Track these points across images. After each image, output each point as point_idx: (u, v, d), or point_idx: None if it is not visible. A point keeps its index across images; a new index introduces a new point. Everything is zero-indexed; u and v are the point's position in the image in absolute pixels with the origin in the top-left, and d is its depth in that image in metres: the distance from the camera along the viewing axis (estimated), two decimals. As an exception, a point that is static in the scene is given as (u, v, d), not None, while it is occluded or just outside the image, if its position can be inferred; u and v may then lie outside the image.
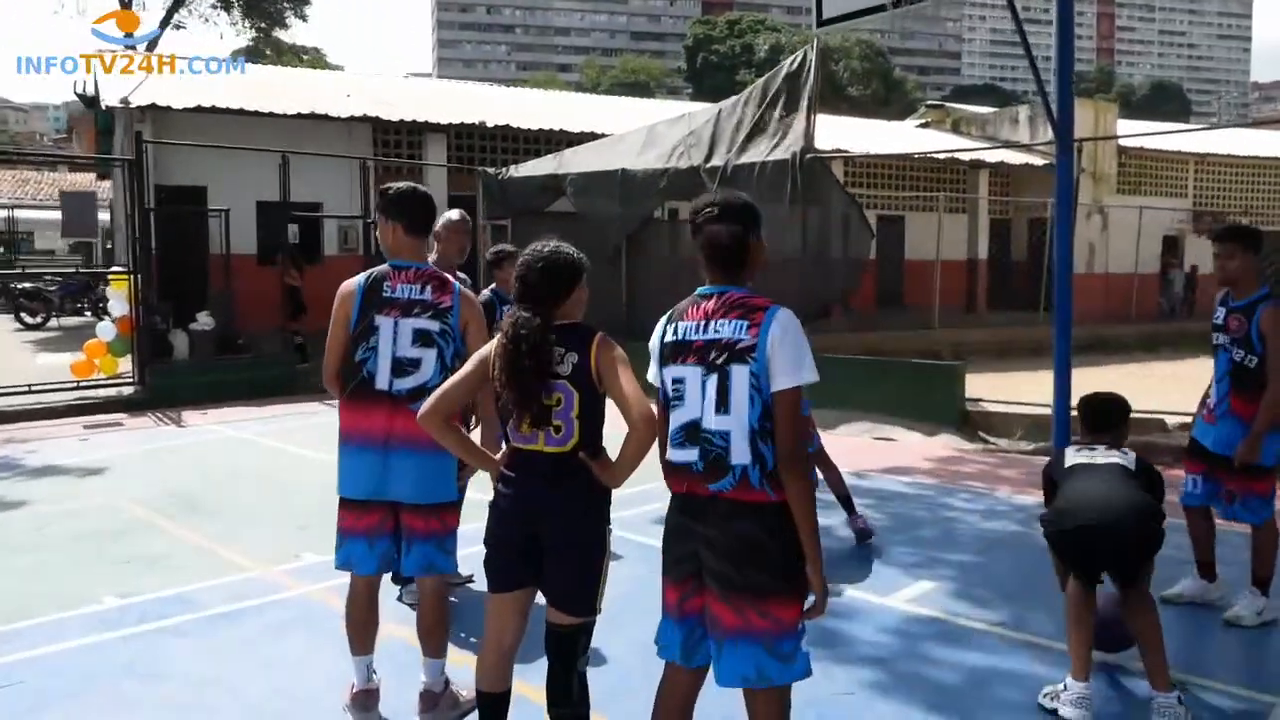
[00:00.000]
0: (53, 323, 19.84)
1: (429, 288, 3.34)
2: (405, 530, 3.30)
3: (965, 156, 20.45)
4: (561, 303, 2.80)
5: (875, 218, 18.24)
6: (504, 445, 2.88)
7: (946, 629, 4.27)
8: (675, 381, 2.53)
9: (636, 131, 13.57)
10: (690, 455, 2.46)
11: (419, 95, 17.98)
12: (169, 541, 5.74)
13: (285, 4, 29.74)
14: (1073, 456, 3.75)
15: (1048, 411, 7.37)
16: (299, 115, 14.11)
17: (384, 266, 3.40)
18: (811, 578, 2.44)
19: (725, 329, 2.46)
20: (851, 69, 64.82)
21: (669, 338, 2.57)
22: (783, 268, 11.01)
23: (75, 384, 10.81)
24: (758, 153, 11.39)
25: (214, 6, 27.92)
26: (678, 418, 2.51)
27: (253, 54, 52.18)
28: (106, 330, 11.13)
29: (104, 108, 13.44)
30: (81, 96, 14.26)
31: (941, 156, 20.60)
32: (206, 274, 13.48)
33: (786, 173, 10.85)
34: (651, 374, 2.63)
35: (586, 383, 2.72)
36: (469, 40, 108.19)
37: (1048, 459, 4.29)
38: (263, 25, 30.50)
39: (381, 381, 3.26)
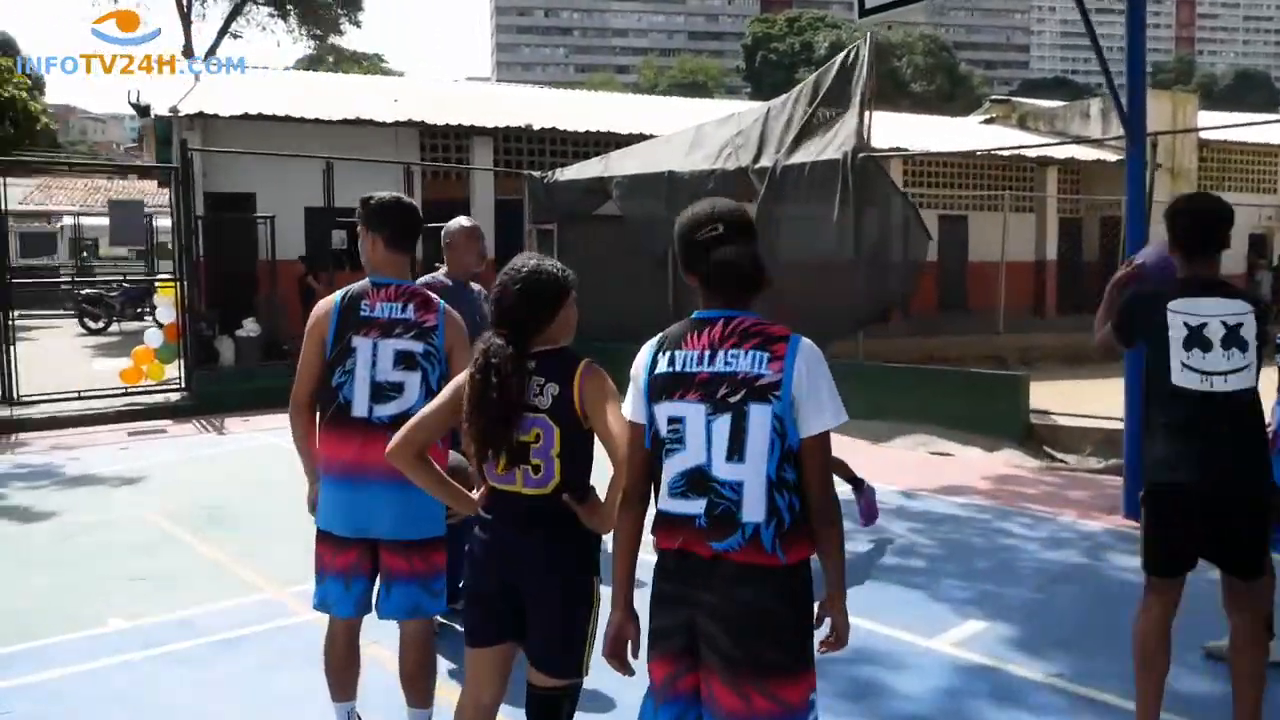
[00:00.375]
0: (114, 327, 20.22)
1: (411, 306, 3.06)
2: (383, 570, 3.01)
3: (1032, 153, 19.67)
4: (544, 327, 2.51)
5: (936, 218, 17.63)
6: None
7: (998, 680, 3.85)
8: (672, 421, 2.16)
9: (684, 132, 13.26)
10: (694, 507, 2.11)
11: (466, 99, 17.87)
12: (187, 558, 5.61)
13: (339, 11, 30.02)
14: (1181, 369, 3.01)
15: (1120, 425, 6.85)
16: (344, 121, 14.05)
17: (362, 283, 3.12)
18: (834, 611, 2.17)
19: (741, 361, 2.11)
20: (914, 64, 63.47)
21: (662, 368, 2.21)
22: (835, 271, 10.61)
23: (124, 390, 10.84)
24: (808, 152, 10.98)
25: (271, 15, 28.31)
26: (677, 463, 2.15)
27: (314, 61, 53.05)
28: (154, 337, 11.17)
29: (154, 117, 13.52)
30: (135, 106, 14.40)
31: (1006, 153, 19.86)
32: (255, 280, 13.49)
33: (838, 173, 10.43)
34: (631, 409, 2.27)
35: (569, 417, 2.42)
36: (527, 44, 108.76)
37: (1136, 303, 3.31)
38: (318, 33, 30.86)
39: (359, 408, 2.99)
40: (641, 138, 14.91)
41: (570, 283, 2.56)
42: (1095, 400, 9.02)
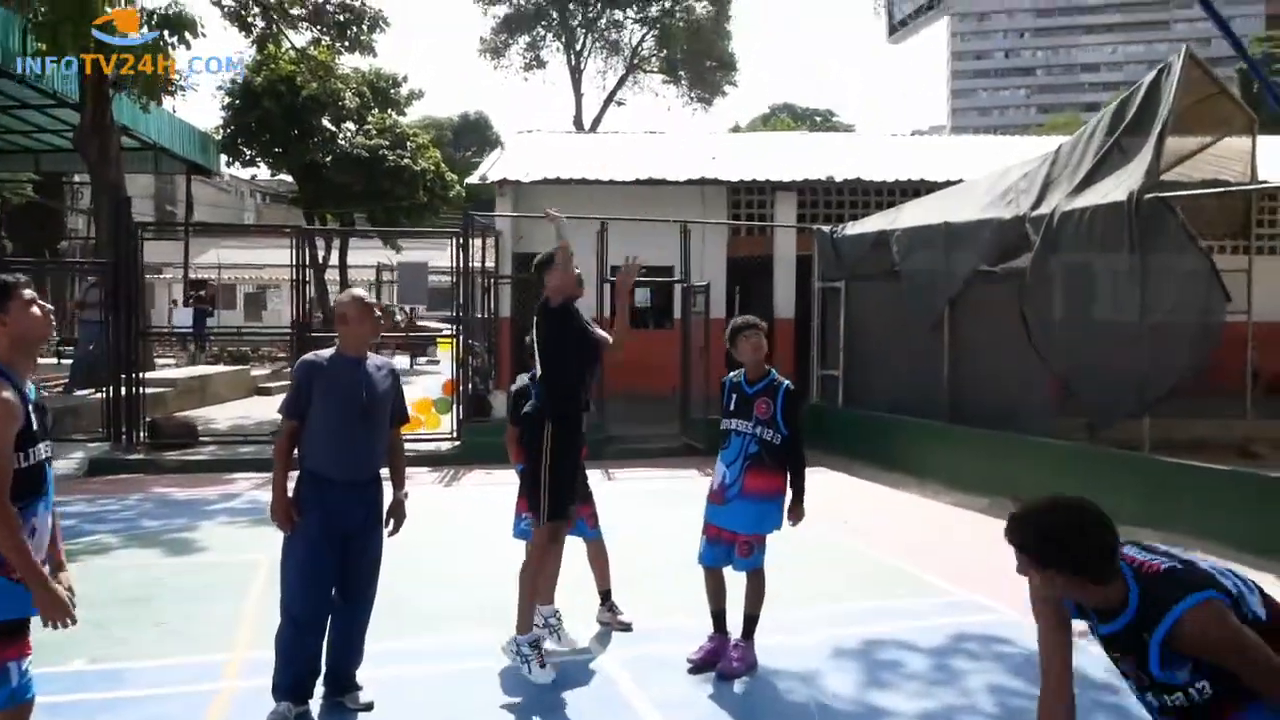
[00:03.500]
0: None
1: None
2: None
3: None
4: None
5: None
6: None
7: None
8: None
9: (989, 176, 11.61)
10: None
11: (773, 151, 17.32)
12: (227, 610, 5.82)
13: (719, 75, 31.14)
14: None
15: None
16: (636, 181, 14.35)
17: None
18: None
19: None
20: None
21: None
22: (1118, 337, 8.52)
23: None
24: (1096, 194, 9.00)
25: (665, 81, 30.20)
26: None
27: (768, 120, 55.24)
28: (434, 389, 12.20)
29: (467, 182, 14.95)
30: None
31: None
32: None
33: (1123, 219, 8.40)
34: None
35: None
36: (985, 87, 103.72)
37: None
38: (705, 95, 32.29)
39: None
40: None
41: None
42: None
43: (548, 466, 4.65)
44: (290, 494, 4.27)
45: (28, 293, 3.05)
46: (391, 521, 4.48)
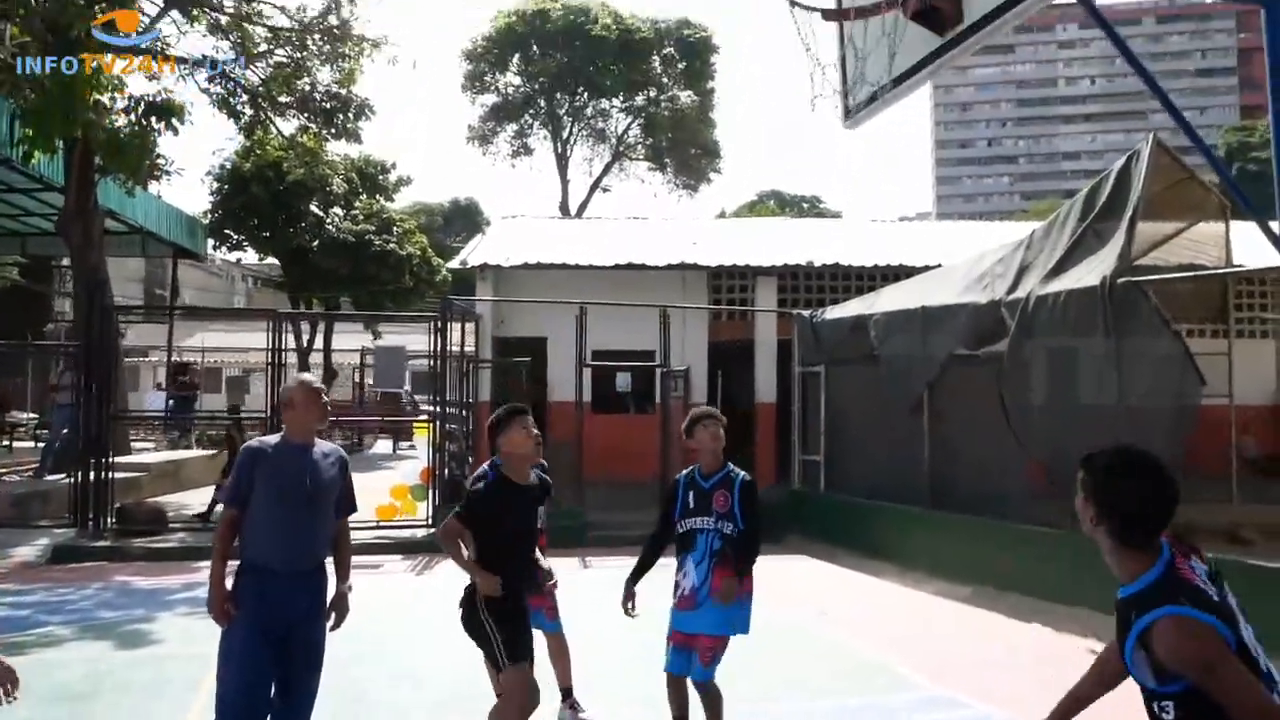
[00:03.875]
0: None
1: None
2: None
3: None
4: None
5: None
6: None
7: None
8: None
9: (966, 261, 11.66)
10: None
11: (753, 237, 17.47)
12: (173, 707, 5.58)
13: (704, 162, 31.79)
14: None
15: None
16: (617, 266, 14.40)
17: None
18: None
19: None
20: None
21: None
22: (1095, 421, 8.42)
23: (375, 524, 11.66)
24: (1071, 279, 9.01)
25: (650, 169, 30.75)
26: None
27: (755, 206, 56.01)
28: (413, 475, 12.01)
29: (463, 265, 14.99)
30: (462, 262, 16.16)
31: None
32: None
33: (1097, 303, 8.39)
34: None
35: None
36: (969, 175, 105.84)
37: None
38: (691, 182, 32.91)
39: None
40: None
41: None
42: None
43: (496, 638, 4.25)
44: (231, 586, 4.10)
45: None
46: (333, 615, 4.29)
